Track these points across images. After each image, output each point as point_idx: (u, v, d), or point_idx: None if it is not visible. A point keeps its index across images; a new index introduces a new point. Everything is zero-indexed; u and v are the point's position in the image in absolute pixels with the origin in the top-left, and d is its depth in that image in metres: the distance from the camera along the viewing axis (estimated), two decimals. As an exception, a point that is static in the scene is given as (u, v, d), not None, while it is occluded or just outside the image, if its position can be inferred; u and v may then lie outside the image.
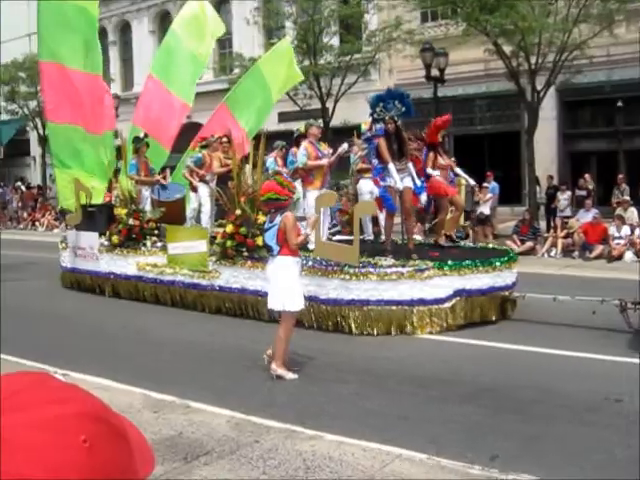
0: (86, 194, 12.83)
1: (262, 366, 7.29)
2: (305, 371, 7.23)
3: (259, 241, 9.77)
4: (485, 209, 18.61)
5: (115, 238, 12.17)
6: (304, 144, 10.94)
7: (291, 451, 4.87)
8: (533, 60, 19.21)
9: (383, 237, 10.90)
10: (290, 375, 6.97)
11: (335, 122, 23.24)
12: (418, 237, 12.04)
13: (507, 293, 9.56)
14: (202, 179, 12.83)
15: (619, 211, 17.75)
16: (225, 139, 13.30)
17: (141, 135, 13.28)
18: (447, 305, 8.95)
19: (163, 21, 32.71)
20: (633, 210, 17.73)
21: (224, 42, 28.98)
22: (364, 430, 5.37)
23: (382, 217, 10.80)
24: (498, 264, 9.48)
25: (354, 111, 21.98)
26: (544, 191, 20.66)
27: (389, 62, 25.16)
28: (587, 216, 17.60)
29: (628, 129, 21.49)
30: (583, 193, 19.37)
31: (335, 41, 24.21)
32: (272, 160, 12.75)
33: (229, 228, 10.30)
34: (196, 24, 15.13)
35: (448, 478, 4.41)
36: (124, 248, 12.04)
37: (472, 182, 12.42)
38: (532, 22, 17.83)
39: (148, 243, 12.10)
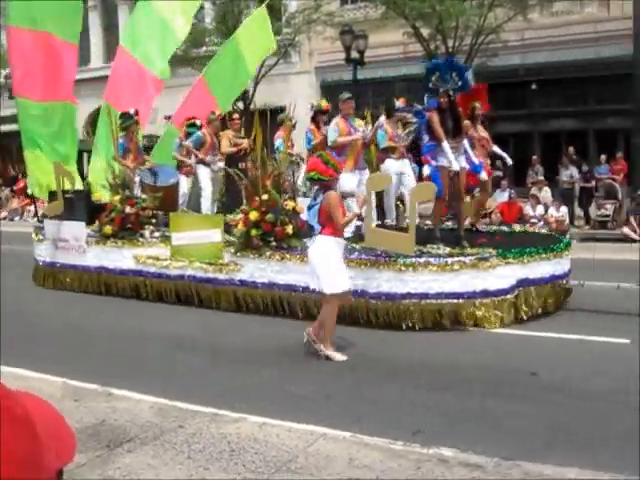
0: (68, 179, 11.51)
1: (188, 351, 7.28)
2: (231, 356, 7.24)
3: (289, 229, 9.10)
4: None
5: (108, 228, 10.69)
6: (335, 120, 9.97)
7: (216, 434, 4.88)
8: (450, 43, 19.56)
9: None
10: (339, 356, 6.81)
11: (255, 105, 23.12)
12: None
13: (564, 281, 9.00)
14: (202, 161, 11.79)
15: (534, 191, 18.34)
16: (236, 116, 12.33)
17: (131, 111, 11.93)
18: (510, 296, 8.27)
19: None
20: (547, 190, 18.36)
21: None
22: (289, 411, 5.42)
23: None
24: (559, 250, 8.88)
25: (274, 93, 21.91)
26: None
27: (309, 44, 25.13)
28: (503, 196, 18.11)
29: (542, 111, 22.11)
30: (499, 174, 19.86)
31: (255, 23, 24.00)
32: (280, 141, 11.39)
33: (253, 215, 9.09)
34: None
35: (371, 454, 4.50)
36: (118, 239, 10.63)
37: (510, 161, 11.60)
38: (449, 6, 18.14)
39: (146, 233, 10.76)
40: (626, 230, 16.38)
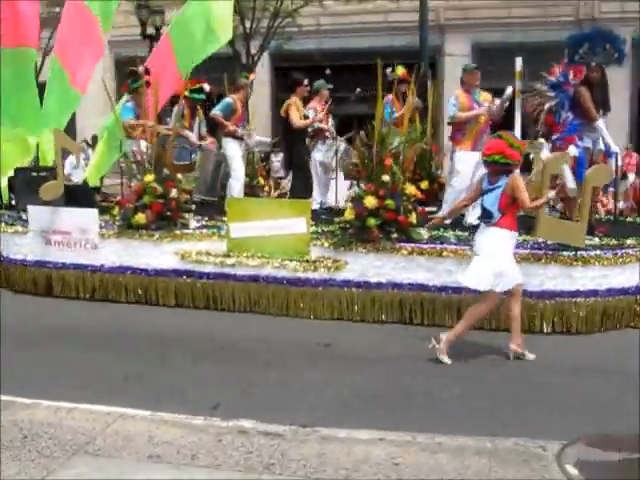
0: (73, 150, 9.35)
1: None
2: (19, 339, 6.89)
3: (413, 218, 7.70)
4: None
5: (140, 217, 8.36)
6: (457, 92, 8.87)
7: (6, 422, 4.63)
8: (248, 24, 19.71)
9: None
10: (446, 360, 6.01)
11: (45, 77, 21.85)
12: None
13: None
14: (232, 134, 9.86)
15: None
16: (307, 82, 10.55)
17: (140, 69, 9.72)
18: None
19: None
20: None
21: None
22: (85, 393, 5.27)
23: None
24: None
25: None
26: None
27: (103, 17, 24.18)
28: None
29: (335, 95, 22.84)
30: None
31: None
32: (312, 111, 10.28)
33: (370, 201, 7.52)
34: None
35: (171, 431, 4.52)
36: (152, 231, 8.37)
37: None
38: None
39: (192, 223, 8.64)
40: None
